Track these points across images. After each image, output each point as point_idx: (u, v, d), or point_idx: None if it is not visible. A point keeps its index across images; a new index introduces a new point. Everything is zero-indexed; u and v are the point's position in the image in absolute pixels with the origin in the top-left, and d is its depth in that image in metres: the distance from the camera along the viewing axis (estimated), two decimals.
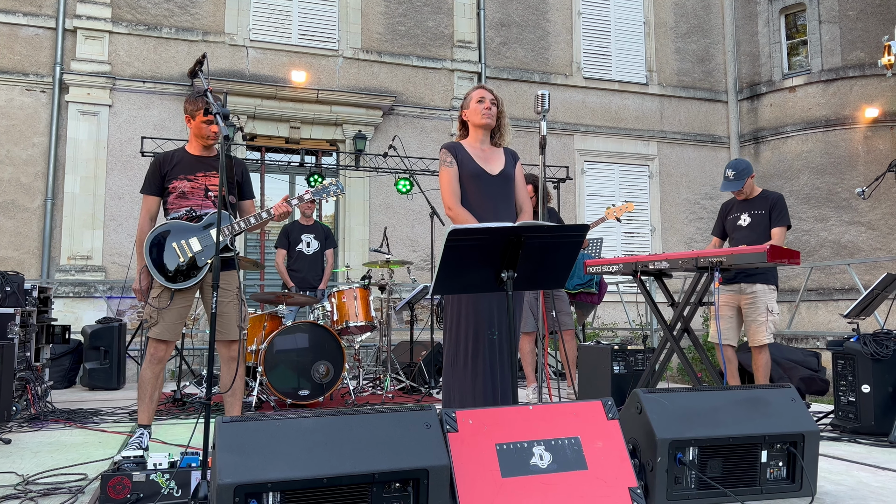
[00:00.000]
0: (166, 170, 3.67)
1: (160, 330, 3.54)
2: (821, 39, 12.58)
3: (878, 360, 4.18)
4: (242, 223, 3.57)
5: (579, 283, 6.30)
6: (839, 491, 2.88)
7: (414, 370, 6.71)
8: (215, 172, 3.69)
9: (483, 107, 3.44)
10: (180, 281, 3.53)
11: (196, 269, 3.55)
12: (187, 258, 3.53)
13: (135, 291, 3.66)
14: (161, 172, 3.67)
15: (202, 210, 3.63)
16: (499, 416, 2.46)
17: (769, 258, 3.62)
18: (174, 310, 3.57)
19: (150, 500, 2.57)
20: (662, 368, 4.45)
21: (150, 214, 3.70)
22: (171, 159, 3.70)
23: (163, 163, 3.69)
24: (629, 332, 10.53)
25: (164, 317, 3.54)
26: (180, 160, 3.69)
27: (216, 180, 3.68)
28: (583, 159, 12.32)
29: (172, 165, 3.67)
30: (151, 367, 3.59)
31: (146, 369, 3.60)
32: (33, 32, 9.77)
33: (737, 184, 4.83)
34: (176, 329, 3.59)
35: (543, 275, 2.90)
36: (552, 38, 12.38)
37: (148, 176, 3.71)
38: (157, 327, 3.54)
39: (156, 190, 3.68)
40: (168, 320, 3.55)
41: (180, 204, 3.64)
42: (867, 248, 11.88)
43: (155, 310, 3.54)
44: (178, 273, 3.53)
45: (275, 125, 10.62)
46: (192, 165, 3.69)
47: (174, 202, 3.65)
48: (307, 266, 6.71)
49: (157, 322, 3.54)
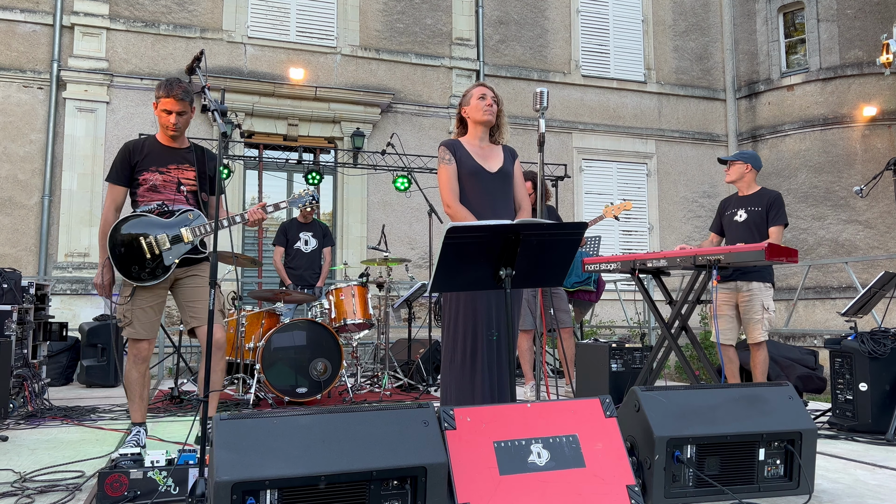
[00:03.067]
0: (136, 160, 3.52)
1: (135, 329, 3.44)
2: (819, 38, 12.58)
3: (875, 359, 4.18)
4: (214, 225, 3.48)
5: (577, 281, 6.30)
6: (836, 489, 2.88)
7: (412, 368, 6.71)
8: (188, 165, 3.58)
9: (485, 104, 3.44)
10: (145, 279, 3.40)
11: (162, 267, 3.42)
12: (153, 254, 3.40)
13: (96, 286, 3.51)
14: (131, 162, 3.52)
15: (175, 205, 3.50)
16: (497, 414, 2.46)
17: (767, 256, 3.62)
18: (146, 308, 3.46)
19: (147, 498, 2.57)
20: (660, 366, 4.46)
21: (116, 205, 3.55)
22: (141, 149, 3.55)
23: (133, 152, 3.54)
24: (627, 330, 10.53)
25: (136, 315, 3.44)
26: (151, 150, 3.55)
27: (189, 174, 3.58)
28: (581, 157, 12.31)
29: (143, 156, 3.53)
30: (136, 366, 3.48)
31: (130, 370, 3.49)
32: (31, 29, 9.74)
33: (735, 156, 4.91)
34: (152, 326, 3.48)
35: (541, 272, 2.89)
36: (551, 35, 12.37)
37: (115, 164, 3.55)
38: (130, 327, 3.44)
39: (124, 180, 3.53)
40: (142, 318, 3.45)
41: (151, 197, 3.50)
42: (865, 247, 11.90)
43: (127, 308, 3.43)
44: (141, 270, 3.39)
45: (273, 122, 10.60)
46: (163, 157, 3.55)
47: (145, 195, 3.51)
48: (305, 264, 6.71)
49: (130, 322, 3.44)
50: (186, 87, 3.53)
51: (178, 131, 3.56)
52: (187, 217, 3.50)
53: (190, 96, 3.54)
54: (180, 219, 3.48)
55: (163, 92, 3.47)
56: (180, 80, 3.54)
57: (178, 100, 3.47)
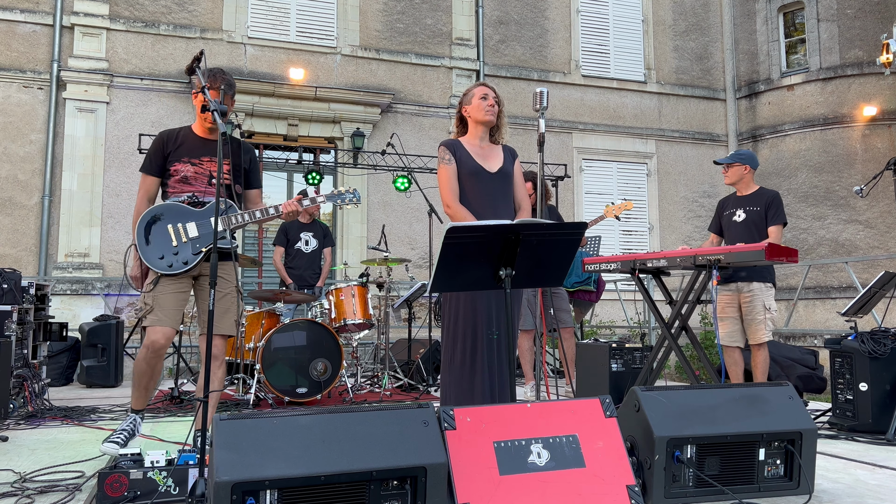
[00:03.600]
0: (170, 150, 3.43)
1: (156, 316, 3.26)
2: (819, 38, 12.58)
3: (875, 358, 4.18)
4: (247, 216, 3.34)
5: (577, 281, 6.30)
6: (837, 489, 2.88)
7: (412, 368, 6.71)
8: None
9: (486, 103, 3.44)
10: (170, 268, 3.28)
11: (189, 257, 3.29)
12: (181, 243, 3.30)
13: (132, 279, 3.41)
14: (164, 152, 3.43)
15: (205, 197, 3.40)
16: (497, 414, 2.46)
17: (767, 256, 3.62)
18: (169, 296, 3.30)
19: (147, 498, 2.57)
20: (660, 366, 4.46)
21: (149, 196, 3.45)
22: (175, 138, 3.45)
23: (167, 142, 3.45)
24: (627, 330, 10.53)
25: (158, 302, 3.27)
26: (185, 141, 3.46)
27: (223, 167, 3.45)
28: (581, 157, 12.31)
29: (177, 146, 3.43)
30: (147, 358, 3.27)
31: (141, 360, 3.29)
32: (31, 29, 9.74)
33: (726, 159, 4.90)
34: (174, 316, 3.29)
35: (541, 272, 2.89)
36: (551, 35, 12.37)
37: (150, 154, 3.46)
38: (151, 315, 3.26)
39: (156, 170, 3.44)
40: (164, 305, 3.27)
41: (182, 189, 3.41)
42: (865, 247, 11.89)
43: (150, 296, 3.28)
44: (169, 259, 3.27)
45: (273, 122, 10.60)
46: (197, 148, 3.45)
47: (175, 186, 3.42)
48: (305, 264, 6.71)
49: (151, 308, 3.27)
50: (231, 80, 3.40)
51: (216, 124, 3.41)
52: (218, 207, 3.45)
53: (233, 89, 3.43)
54: (211, 208, 3.37)
55: (207, 83, 3.35)
56: (224, 72, 3.42)
57: (221, 92, 3.31)
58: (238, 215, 3.36)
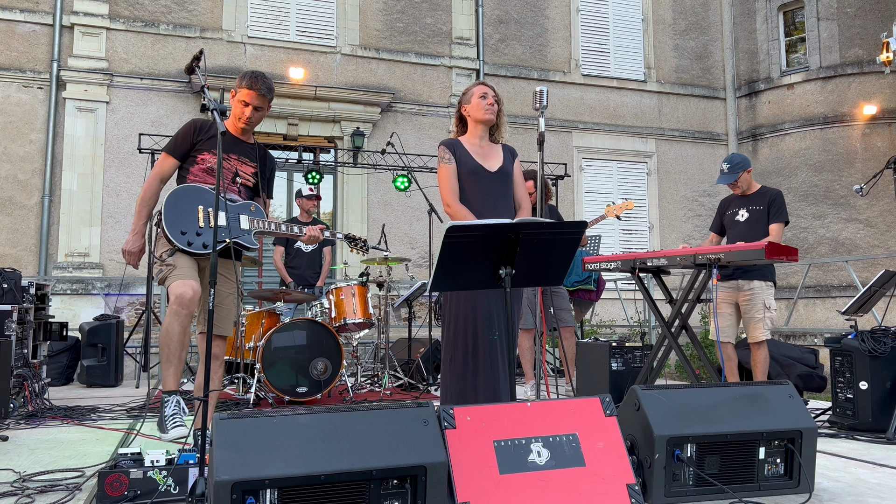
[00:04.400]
0: (200, 138, 3.39)
1: (179, 272, 3.14)
2: (819, 36, 12.57)
3: (875, 357, 4.18)
4: (273, 225, 3.38)
5: (577, 281, 6.30)
6: (837, 487, 2.88)
7: (412, 367, 6.71)
8: (247, 160, 3.48)
9: (486, 102, 3.44)
10: (188, 245, 3.22)
11: (209, 242, 3.24)
12: (207, 227, 3.25)
13: (124, 253, 3.32)
14: (193, 139, 3.39)
15: (227, 193, 3.36)
16: (497, 413, 2.46)
17: (767, 255, 3.62)
18: (187, 264, 3.23)
19: (147, 498, 2.57)
20: (660, 365, 4.46)
21: (163, 176, 3.41)
22: (208, 129, 3.42)
23: (199, 130, 3.41)
24: (627, 329, 10.53)
25: (178, 263, 3.19)
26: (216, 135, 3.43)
27: (247, 169, 3.49)
28: (581, 156, 12.31)
29: (209, 136, 3.39)
30: (178, 318, 3.09)
31: (171, 322, 3.09)
32: (30, 29, 9.74)
33: (731, 176, 4.83)
34: (194, 275, 3.21)
35: (541, 272, 2.89)
36: (550, 34, 12.37)
37: (177, 136, 3.42)
38: (175, 271, 3.15)
39: (179, 154, 3.39)
40: (184, 264, 3.20)
41: (204, 179, 3.36)
42: (865, 246, 11.89)
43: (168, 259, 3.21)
44: (190, 235, 3.22)
45: (272, 122, 10.59)
46: (227, 144, 3.42)
47: (199, 174, 3.37)
48: (305, 263, 6.71)
49: (173, 267, 3.18)
50: (271, 85, 3.41)
51: (250, 125, 3.46)
52: (249, 208, 3.42)
53: (272, 94, 3.43)
54: (241, 206, 3.39)
55: (246, 83, 3.34)
56: (265, 76, 3.42)
57: (260, 95, 3.36)
58: (266, 221, 3.40)
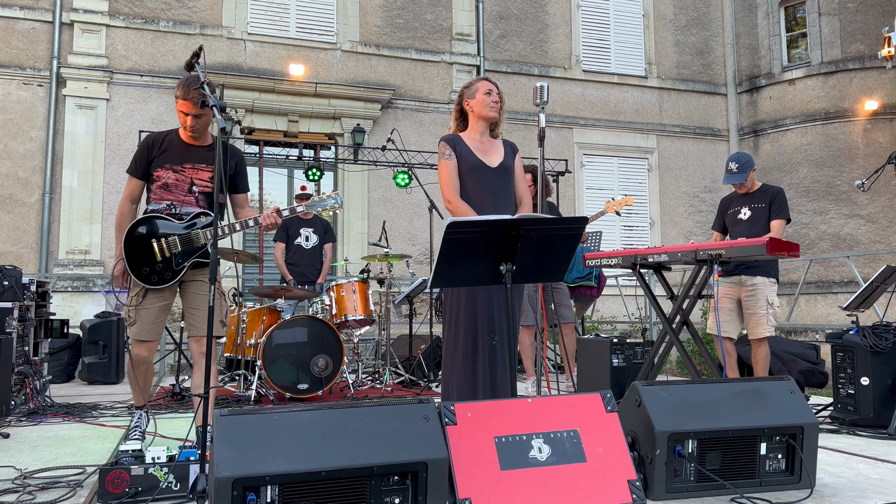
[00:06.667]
0: (154, 154, 3.44)
1: (137, 330, 3.39)
2: (820, 32, 12.54)
3: (877, 353, 4.17)
4: (227, 228, 3.40)
5: (578, 277, 6.29)
6: (838, 483, 2.88)
7: (413, 364, 6.71)
8: (204, 165, 3.47)
9: (491, 99, 3.43)
10: (153, 282, 3.35)
11: (171, 270, 3.37)
12: (164, 257, 3.35)
13: (114, 278, 3.46)
14: (149, 156, 3.44)
15: (182, 207, 3.42)
16: (497, 409, 2.46)
17: (768, 251, 3.61)
18: (152, 309, 3.40)
19: (148, 494, 2.57)
20: (661, 361, 4.45)
21: (133, 197, 3.50)
22: (160, 143, 3.46)
23: (152, 146, 3.46)
24: (628, 325, 10.53)
25: (141, 316, 3.38)
26: (170, 146, 3.46)
27: (204, 174, 3.47)
28: (582, 152, 12.29)
29: (161, 151, 3.44)
30: (136, 366, 3.45)
31: (130, 370, 3.50)
32: (30, 26, 9.73)
33: (740, 176, 4.81)
34: (155, 328, 3.42)
35: (542, 268, 2.89)
36: (551, 30, 12.34)
37: (136, 156, 3.48)
38: (134, 327, 3.39)
39: (141, 173, 3.46)
40: (145, 319, 3.38)
41: (162, 196, 3.43)
42: (866, 241, 11.88)
43: (133, 308, 3.39)
44: (152, 273, 3.35)
45: (273, 119, 10.59)
46: (181, 154, 3.45)
47: (156, 192, 3.44)
48: (306, 260, 6.70)
49: (134, 321, 3.39)
50: (203, 91, 3.45)
51: (196, 132, 3.46)
52: (200, 220, 3.44)
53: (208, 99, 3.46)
54: (192, 221, 3.42)
55: (180, 93, 3.36)
56: (199, 82, 3.37)
57: (194, 104, 3.36)
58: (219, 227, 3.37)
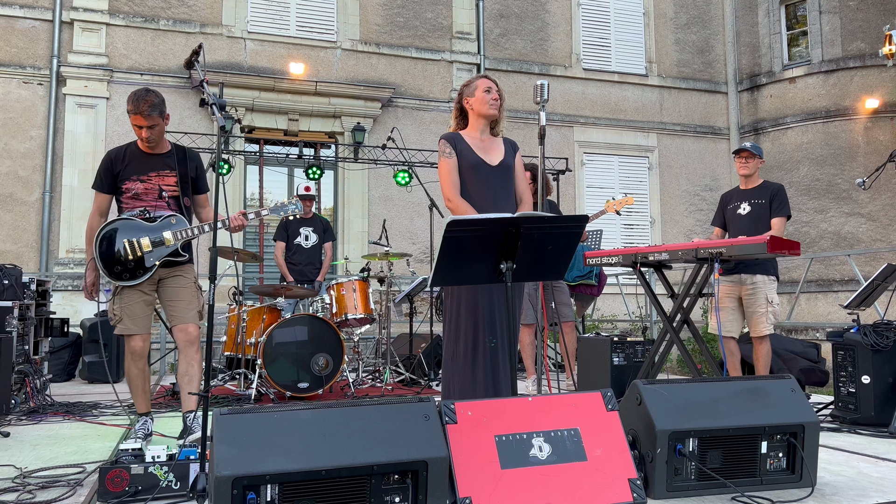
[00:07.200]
0: (118, 169, 3.63)
1: (125, 325, 3.56)
2: (821, 30, 12.52)
3: (878, 351, 4.17)
4: (196, 230, 3.59)
5: (579, 275, 6.29)
6: (839, 482, 2.87)
7: (413, 362, 6.71)
8: (168, 171, 3.66)
9: (491, 97, 3.42)
10: (125, 279, 3.55)
11: (143, 268, 3.56)
12: (135, 256, 3.54)
13: (83, 288, 3.70)
14: (113, 172, 3.63)
15: (156, 212, 3.61)
16: (498, 408, 2.45)
17: (769, 249, 3.61)
18: (134, 304, 3.58)
19: (148, 493, 2.57)
20: (662, 360, 4.45)
21: (101, 211, 3.67)
22: (122, 158, 3.64)
23: (114, 161, 3.63)
24: (629, 323, 10.52)
25: (125, 312, 3.57)
26: (132, 159, 3.64)
27: (170, 179, 3.66)
28: (582, 151, 12.28)
29: (125, 165, 3.63)
30: (133, 362, 3.62)
31: (129, 366, 3.64)
32: (30, 25, 9.72)
33: (754, 148, 4.84)
34: (142, 321, 3.60)
35: (543, 266, 2.88)
36: (551, 29, 12.33)
37: (100, 173, 3.66)
38: (121, 323, 3.57)
39: (107, 188, 3.65)
40: (130, 314, 3.57)
41: (134, 204, 3.62)
42: (867, 239, 11.87)
43: (116, 306, 3.58)
44: (124, 270, 3.54)
45: (273, 117, 10.58)
46: (143, 165, 3.64)
47: (128, 202, 3.63)
48: (306, 259, 6.70)
49: (120, 318, 3.57)
50: (153, 101, 3.51)
51: (153, 142, 3.62)
52: (170, 222, 3.61)
53: (158, 108, 3.52)
54: (163, 223, 3.60)
55: (131, 107, 3.49)
56: (147, 93, 3.51)
57: (145, 116, 3.48)
58: (187, 230, 3.60)
